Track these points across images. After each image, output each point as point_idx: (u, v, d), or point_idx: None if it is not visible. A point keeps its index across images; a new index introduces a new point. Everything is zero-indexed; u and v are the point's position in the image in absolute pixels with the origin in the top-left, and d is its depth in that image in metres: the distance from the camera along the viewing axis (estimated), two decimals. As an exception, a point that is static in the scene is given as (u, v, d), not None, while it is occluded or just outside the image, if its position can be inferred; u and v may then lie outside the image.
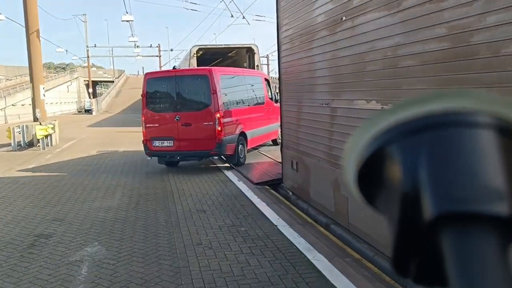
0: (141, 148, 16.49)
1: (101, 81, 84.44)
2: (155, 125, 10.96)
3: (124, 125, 28.16)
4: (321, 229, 6.56)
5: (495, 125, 0.35)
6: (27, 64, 17.83)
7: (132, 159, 13.31)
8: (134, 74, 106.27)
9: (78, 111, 53.06)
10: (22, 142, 16.72)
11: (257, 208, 7.43)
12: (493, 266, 0.32)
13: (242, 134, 11.72)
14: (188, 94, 11.04)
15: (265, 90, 14.40)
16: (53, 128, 17.02)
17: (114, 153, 14.98)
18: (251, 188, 8.91)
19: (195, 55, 25.81)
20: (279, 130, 13.71)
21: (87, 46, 43.53)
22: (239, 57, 30.28)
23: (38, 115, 17.41)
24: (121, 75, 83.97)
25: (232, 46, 26.79)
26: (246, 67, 28.32)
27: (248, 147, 12.32)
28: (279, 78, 9.19)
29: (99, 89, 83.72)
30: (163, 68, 46.23)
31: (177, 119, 10.63)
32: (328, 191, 6.84)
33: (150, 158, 11.52)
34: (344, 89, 6.20)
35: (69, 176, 10.78)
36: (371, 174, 0.38)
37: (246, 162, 11.78)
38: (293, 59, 8.18)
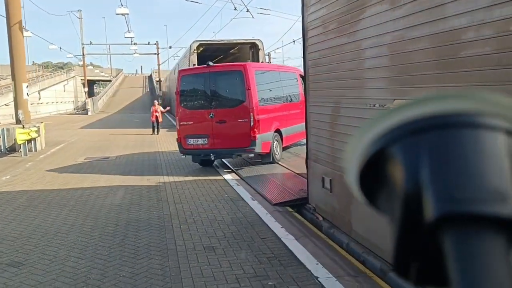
0: (137, 153, 14.68)
1: (98, 80, 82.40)
2: (189, 122, 10.64)
3: (120, 126, 26.26)
4: (379, 281, 4.67)
5: (498, 126, 0.35)
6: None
7: (124, 169, 11.38)
8: (133, 73, 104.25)
9: (82, 110, 50.80)
10: (2, 147, 14.80)
11: (284, 244, 5.53)
12: (495, 267, 0.31)
13: (278, 131, 11.21)
14: (222, 90, 10.68)
15: (300, 87, 13.42)
16: (37, 132, 15.09)
17: (104, 160, 13.04)
18: (270, 211, 7.02)
19: (195, 51, 23.88)
20: None
21: (82, 44, 41.47)
22: (242, 53, 28.32)
23: (21, 116, 15.48)
24: (119, 74, 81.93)
25: (235, 41, 24.86)
26: (249, 64, 26.45)
27: (284, 145, 11.73)
28: (304, 73, 7.29)
29: (97, 89, 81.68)
30: (161, 66, 44.33)
31: (211, 117, 10.35)
32: (382, 224, 4.94)
33: (184, 156, 11.30)
34: (416, 84, 4.30)
35: (45, 192, 8.86)
36: (373, 174, 0.38)
37: (257, 173, 9.96)
38: (327, 47, 6.27)
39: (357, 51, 5.41)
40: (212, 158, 11.00)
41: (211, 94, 10.54)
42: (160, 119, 21.10)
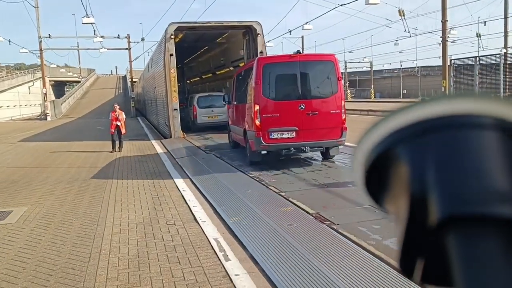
0: (69, 202, 7.91)
1: (69, 81, 74.70)
2: (275, 114, 9.57)
3: (74, 138, 19.57)
4: None
5: (502, 127, 0.35)
6: None
7: (11, 270, 4.90)
8: (107, 74, 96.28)
9: (44, 115, 43.15)
10: None
11: None
12: (500, 267, 0.31)
13: None
14: (313, 81, 9.89)
15: None
16: None
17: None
18: None
19: (172, 37, 17.34)
20: None
21: (40, 37, 34.36)
22: (232, 43, 21.87)
23: None
24: (90, 74, 74.36)
25: (225, 24, 18.28)
26: (243, 56, 20.09)
27: None
28: None
29: (68, 90, 73.90)
30: (133, 63, 37.61)
31: (301, 108, 9.53)
32: None
33: (266, 152, 9.80)
34: None
35: None
36: (379, 174, 0.38)
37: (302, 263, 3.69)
38: None
39: None
40: (308, 151, 9.92)
41: (301, 84, 9.82)
42: (123, 130, 14.53)
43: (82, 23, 26.01)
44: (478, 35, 37.36)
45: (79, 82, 64.85)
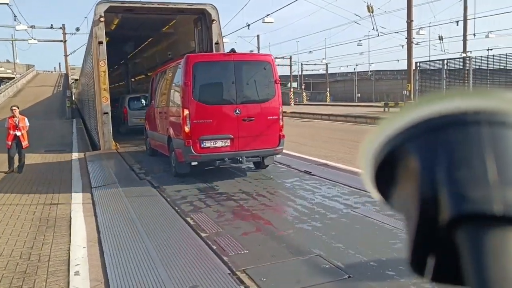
0: None
1: (4, 78, 67.27)
2: (207, 120, 8.43)
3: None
4: None
5: None
6: None
7: None
8: (49, 71, 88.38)
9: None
10: None
11: None
12: (511, 266, 0.30)
13: None
14: (250, 83, 8.82)
15: None
16: None
17: None
18: None
19: (102, 19, 13.10)
20: None
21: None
22: (181, 34, 17.80)
23: None
24: (28, 70, 67.25)
25: (171, 6, 14.18)
26: (194, 48, 16.20)
27: None
28: None
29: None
30: (69, 57, 32.55)
31: (237, 113, 8.46)
32: None
33: (196, 163, 8.34)
34: None
35: None
36: (388, 172, 0.37)
37: None
38: None
39: None
40: (244, 162, 8.58)
41: (236, 86, 8.52)
42: (24, 142, 10.25)
43: (-8, 2, 20.93)
44: (441, 38, 35.36)
45: (13, 78, 58.03)
